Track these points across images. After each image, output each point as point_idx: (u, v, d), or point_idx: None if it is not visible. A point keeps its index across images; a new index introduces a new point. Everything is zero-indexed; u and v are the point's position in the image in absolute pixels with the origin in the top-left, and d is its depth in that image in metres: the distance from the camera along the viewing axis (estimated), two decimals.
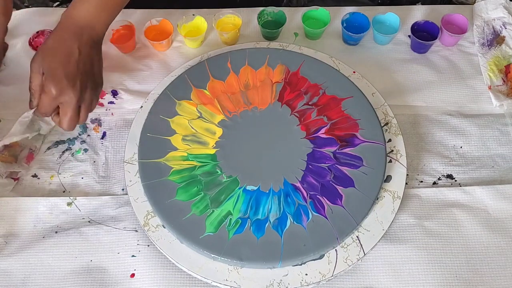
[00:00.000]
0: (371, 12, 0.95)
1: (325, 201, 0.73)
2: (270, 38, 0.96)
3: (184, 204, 0.73)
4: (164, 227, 0.73)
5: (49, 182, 0.81)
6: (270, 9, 0.96)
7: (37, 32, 0.93)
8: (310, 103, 0.82)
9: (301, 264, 0.70)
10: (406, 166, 0.78)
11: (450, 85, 0.90)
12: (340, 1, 1.02)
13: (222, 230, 0.71)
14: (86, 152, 0.83)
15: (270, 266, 0.69)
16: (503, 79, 0.90)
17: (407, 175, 0.78)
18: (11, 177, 0.80)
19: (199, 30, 0.95)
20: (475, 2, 1.00)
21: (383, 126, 0.81)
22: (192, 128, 0.80)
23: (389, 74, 0.91)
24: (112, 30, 0.94)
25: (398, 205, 0.74)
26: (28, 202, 0.77)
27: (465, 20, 0.94)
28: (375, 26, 0.93)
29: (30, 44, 0.92)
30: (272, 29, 0.93)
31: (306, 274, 0.69)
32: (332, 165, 0.76)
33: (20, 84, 0.90)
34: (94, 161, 0.83)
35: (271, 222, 0.71)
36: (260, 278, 0.69)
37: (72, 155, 0.83)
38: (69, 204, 0.78)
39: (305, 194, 0.74)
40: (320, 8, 0.95)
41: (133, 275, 0.72)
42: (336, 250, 0.71)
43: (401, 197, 0.75)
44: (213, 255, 0.69)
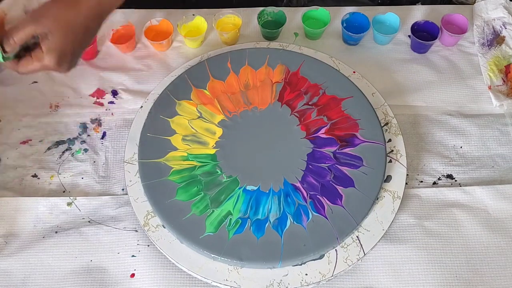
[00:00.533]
0: (371, 12, 0.95)
1: (325, 201, 0.73)
2: (270, 38, 0.96)
3: (184, 204, 0.73)
4: (164, 227, 0.73)
5: (49, 182, 0.81)
6: (270, 9, 0.96)
7: None
8: (310, 103, 0.82)
9: (301, 264, 0.70)
10: (406, 166, 0.78)
11: (450, 85, 0.90)
12: (340, 1, 1.02)
13: (222, 230, 0.71)
14: (86, 152, 0.83)
15: (270, 266, 0.69)
16: (503, 79, 0.90)
17: (407, 175, 0.78)
18: None
19: (199, 30, 0.95)
20: (475, 2, 1.00)
21: (383, 126, 0.81)
22: (192, 128, 0.80)
23: (389, 74, 0.91)
24: (112, 30, 0.94)
25: (398, 205, 0.74)
26: (28, 202, 0.77)
27: (465, 20, 0.94)
28: (375, 26, 0.93)
29: None
30: (272, 29, 0.93)
31: (306, 274, 0.69)
32: (332, 165, 0.76)
33: (20, 84, 0.90)
34: (94, 161, 0.83)
35: (271, 222, 0.71)
36: (260, 278, 0.69)
37: (72, 155, 0.83)
38: (69, 204, 0.78)
39: (305, 194, 0.74)
40: (320, 8, 0.95)
41: (133, 275, 0.72)
42: (336, 250, 0.71)
43: (401, 197, 0.75)
44: (213, 255, 0.69)
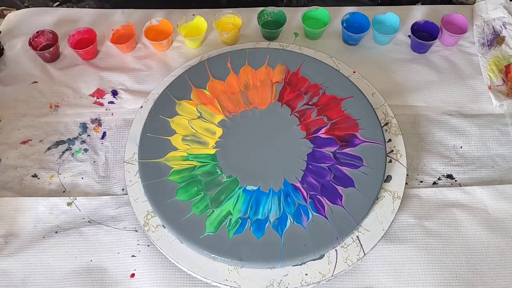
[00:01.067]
0: (371, 12, 0.95)
1: (325, 201, 0.73)
2: (270, 38, 0.96)
3: (184, 204, 0.73)
4: (164, 227, 0.73)
5: (49, 182, 0.81)
6: (270, 9, 0.96)
7: (37, 32, 0.93)
8: (310, 103, 0.82)
9: (301, 264, 0.70)
10: (406, 166, 0.78)
11: (450, 85, 0.90)
12: (340, 1, 1.02)
13: (222, 230, 0.71)
14: (86, 152, 0.83)
15: (270, 266, 0.69)
16: (503, 79, 0.90)
17: (407, 175, 0.78)
18: None
19: (199, 30, 0.95)
20: (475, 2, 1.00)
21: (383, 126, 0.81)
22: (192, 128, 0.80)
23: (389, 74, 0.91)
24: (112, 30, 0.94)
25: (398, 205, 0.74)
26: (28, 202, 0.77)
27: (465, 20, 0.94)
28: (375, 26, 0.93)
29: (30, 44, 0.92)
30: (272, 29, 0.93)
31: (306, 274, 0.69)
32: (332, 165, 0.76)
33: (20, 84, 0.91)
34: (94, 161, 0.83)
35: (271, 222, 0.71)
36: (260, 278, 0.69)
37: (72, 155, 0.83)
38: (69, 204, 0.78)
39: (305, 194, 0.74)
40: (320, 8, 0.95)
41: (133, 275, 0.72)
42: (336, 250, 0.71)
43: (401, 197, 0.75)
44: (213, 255, 0.69)
